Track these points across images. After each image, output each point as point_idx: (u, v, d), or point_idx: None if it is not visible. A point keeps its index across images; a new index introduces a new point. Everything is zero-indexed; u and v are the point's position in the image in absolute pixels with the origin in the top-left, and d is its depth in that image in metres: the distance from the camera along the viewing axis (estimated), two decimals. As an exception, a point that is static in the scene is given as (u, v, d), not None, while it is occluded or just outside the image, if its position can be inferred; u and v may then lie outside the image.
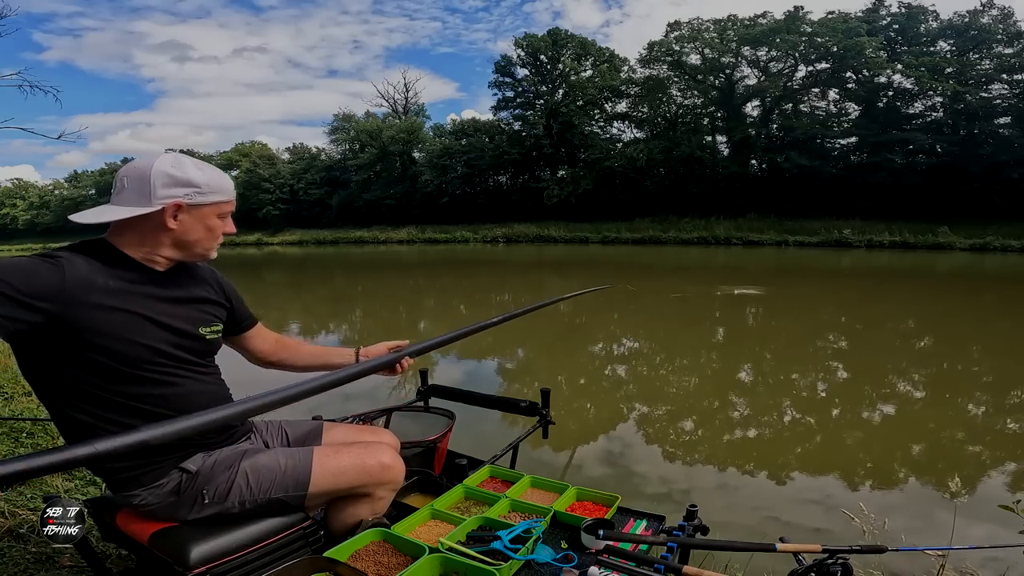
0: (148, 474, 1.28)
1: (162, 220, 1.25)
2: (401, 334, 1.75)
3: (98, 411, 1.22)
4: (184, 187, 1.26)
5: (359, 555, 1.38)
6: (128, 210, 1.23)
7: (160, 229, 1.27)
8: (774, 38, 29.37)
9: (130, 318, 1.23)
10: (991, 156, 24.27)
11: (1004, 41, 26.14)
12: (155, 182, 1.23)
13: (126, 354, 1.22)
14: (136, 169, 1.25)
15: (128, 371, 1.23)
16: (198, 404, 1.35)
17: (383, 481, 1.48)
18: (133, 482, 1.28)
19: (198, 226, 1.30)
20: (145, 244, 1.28)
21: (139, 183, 1.24)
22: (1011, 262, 17.84)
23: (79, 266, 1.17)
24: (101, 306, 1.18)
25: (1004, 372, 6.22)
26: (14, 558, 1.90)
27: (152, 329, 1.27)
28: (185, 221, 1.28)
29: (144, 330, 1.25)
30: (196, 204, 1.28)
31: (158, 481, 1.29)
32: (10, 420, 3.04)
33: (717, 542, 1.38)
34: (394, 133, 39.23)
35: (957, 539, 2.38)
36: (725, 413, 4.99)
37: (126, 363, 1.22)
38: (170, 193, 1.24)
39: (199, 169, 1.29)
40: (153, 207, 1.23)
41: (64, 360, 1.18)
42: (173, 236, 1.28)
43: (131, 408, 1.24)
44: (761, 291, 11.80)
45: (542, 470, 2.22)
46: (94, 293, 1.17)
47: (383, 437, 1.71)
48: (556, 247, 27.26)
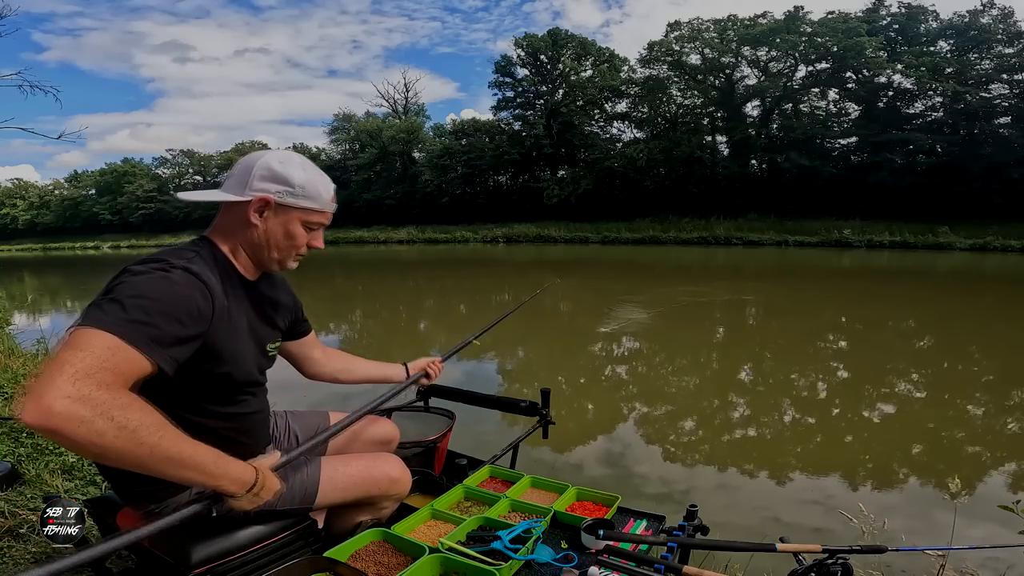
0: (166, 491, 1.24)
1: (247, 214, 1.19)
2: (401, 334, 1.78)
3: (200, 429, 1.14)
4: (279, 184, 1.19)
5: (359, 555, 1.38)
6: (222, 194, 1.20)
7: (244, 225, 1.21)
8: (774, 38, 29.36)
9: (242, 339, 1.20)
10: (991, 156, 24.25)
11: (1004, 41, 26.12)
12: (256, 172, 1.19)
13: (237, 375, 1.20)
14: (249, 158, 1.23)
15: (231, 392, 1.21)
16: (262, 424, 1.36)
17: (390, 494, 1.48)
18: (146, 497, 1.24)
19: (279, 230, 1.22)
20: (232, 240, 1.22)
21: (243, 170, 1.21)
22: (1011, 262, 17.83)
23: (214, 286, 1.12)
24: (229, 328, 1.15)
25: (1004, 372, 6.22)
26: (14, 558, 1.90)
27: (253, 351, 1.25)
28: (269, 220, 1.21)
29: (248, 352, 1.23)
30: (285, 204, 1.21)
31: (174, 497, 1.25)
32: (10, 420, 3.04)
33: (717, 542, 1.38)
34: (394, 133, 39.24)
35: (957, 539, 2.38)
36: (725, 413, 4.99)
37: (236, 384, 1.21)
38: (263, 187, 1.19)
39: (303, 170, 1.22)
40: (244, 197, 1.18)
41: (186, 379, 1.11)
42: (254, 235, 1.21)
43: (215, 429, 1.19)
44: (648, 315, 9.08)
45: (542, 470, 2.22)
46: (224, 314, 1.14)
47: (384, 427, 1.73)
48: (556, 247, 27.26)
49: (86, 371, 0.88)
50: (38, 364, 4.54)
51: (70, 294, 15.60)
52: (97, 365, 0.89)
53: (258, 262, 1.26)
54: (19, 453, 2.69)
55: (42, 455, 2.69)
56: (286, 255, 1.26)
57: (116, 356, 0.92)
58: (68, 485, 2.44)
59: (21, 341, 6.12)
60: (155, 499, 1.25)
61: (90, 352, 0.90)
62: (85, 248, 44.77)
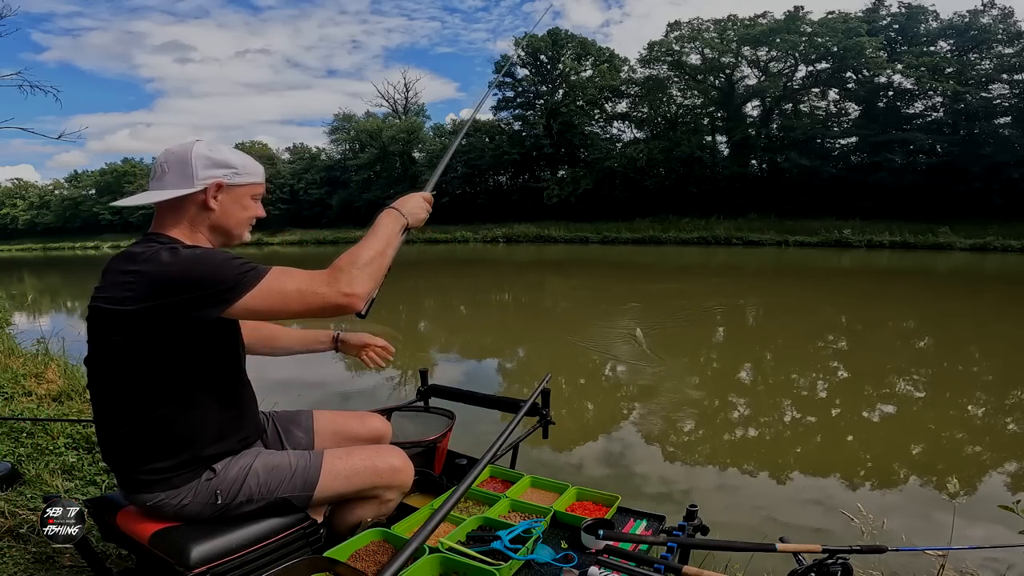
0: (182, 475, 1.27)
1: (204, 200, 1.28)
2: (401, 333, 1.75)
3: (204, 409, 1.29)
4: (223, 168, 1.29)
5: (359, 555, 1.38)
6: (172, 192, 1.26)
7: (203, 210, 1.30)
8: (774, 38, 29.35)
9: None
10: (991, 156, 24.24)
11: (1004, 41, 26.11)
12: (196, 163, 1.26)
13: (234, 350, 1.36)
14: (175, 154, 1.28)
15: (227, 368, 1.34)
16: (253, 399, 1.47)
17: (393, 484, 1.48)
18: (161, 484, 1.26)
19: (235, 207, 1.33)
20: (192, 228, 1.30)
21: (180, 166, 1.27)
22: (1011, 262, 17.83)
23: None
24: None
25: (1004, 372, 6.22)
26: (14, 558, 1.90)
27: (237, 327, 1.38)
28: (224, 202, 1.31)
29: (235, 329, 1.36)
30: (235, 184, 1.32)
31: (189, 483, 1.27)
32: (10, 420, 3.04)
33: (717, 542, 1.38)
34: (394, 133, 39.22)
35: (957, 539, 2.38)
36: (725, 413, 4.99)
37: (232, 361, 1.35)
38: (211, 174, 1.28)
39: (233, 153, 1.34)
40: (196, 187, 1.26)
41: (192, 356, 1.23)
42: (213, 218, 1.31)
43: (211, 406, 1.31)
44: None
45: (542, 470, 2.22)
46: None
47: (371, 422, 1.72)
48: (556, 247, 27.27)
49: (311, 276, 1.18)
50: (38, 364, 4.54)
51: (70, 294, 15.59)
52: (304, 274, 1.18)
53: (221, 242, 1.37)
54: (19, 453, 2.68)
55: (42, 455, 2.68)
56: (243, 228, 1.39)
57: (296, 269, 1.20)
58: (68, 485, 2.44)
59: (21, 341, 6.12)
60: (170, 485, 1.26)
61: (292, 275, 1.17)
62: (85, 248, 44.76)
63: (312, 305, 1.16)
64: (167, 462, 1.25)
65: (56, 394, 3.72)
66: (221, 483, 1.29)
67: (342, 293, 1.16)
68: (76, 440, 2.83)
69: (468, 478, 1.46)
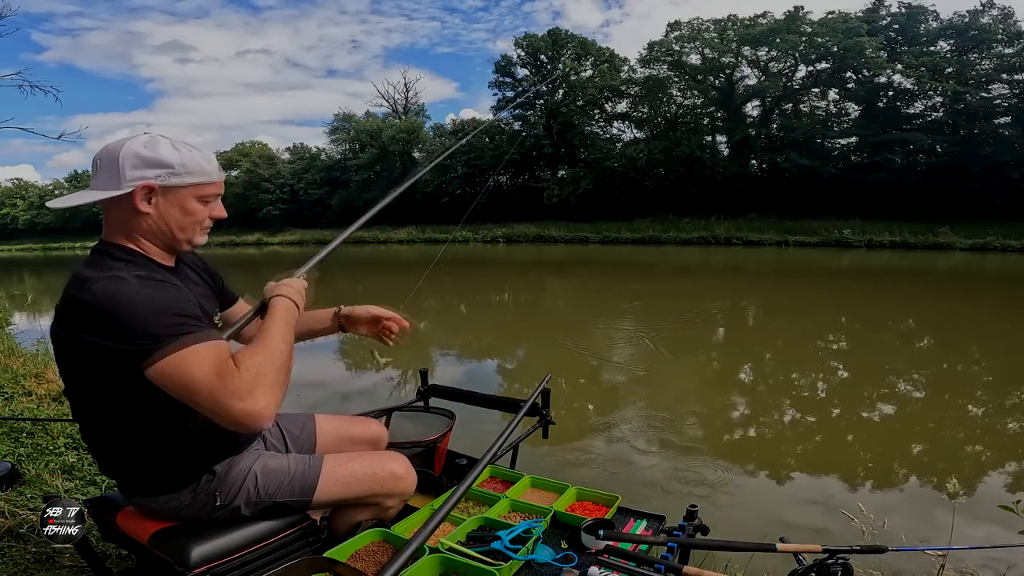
0: (182, 478, 1.25)
1: (133, 204, 1.16)
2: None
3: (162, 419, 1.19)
4: (155, 168, 1.16)
5: (359, 555, 1.38)
6: (98, 193, 1.16)
7: (134, 215, 1.18)
8: (774, 38, 29.34)
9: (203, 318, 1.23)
10: (991, 156, 24.23)
11: (1004, 41, 26.10)
12: (123, 163, 1.14)
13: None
14: (107, 151, 1.17)
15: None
16: None
17: (394, 492, 1.46)
18: (160, 486, 1.25)
19: (174, 210, 1.20)
20: (129, 235, 1.20)
21: (109, 164, 1.16)
22: (1011, 262, 17.83)
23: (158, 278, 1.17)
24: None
25: (1004, 372, 6.22)
26: (14, 558, 1.90)
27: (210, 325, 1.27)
28: (160, 205, 1.19)
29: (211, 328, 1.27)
30: (171, 186, 1.18)
31: (188, 485, 1.26)
32: (10, 420, 3.04)
33: (717, 542, 1.38)
34: (394, 133, 39.21)
35: (957, 539, 2.38)
36: (725, 413, 4.99)
37: None
38: (139, 175, 1.15)
39: (176, 149, 1.19)
40: (122, 190, 1.15)
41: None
42: (149, 222, 1.19)
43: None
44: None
45: (542, 470, 2.22)
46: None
47: (371, 427, 1.71)
48: (556, 247, 27.27)
49: (223, 383, 1.06)
50: (38, 364, 4.54)
51: (70, 294, 15.55)
52: (217, 370, 1.06)
53: (167, 246, 1.25)
54: (19, 453, 2.68)
55: (42, 455, 2.69)
56: (192, 232, 1.25)
57: (216, 350, 1.09)
58: (68, 485, 2.44)
59: (21, 341, 6.13)
60: (169, 488, 1.25)
61: (206, 368, 1.06)
62: (85, 248, 44.46)
63: (219, 415, 1.06)
64: (167, 466, 1.24)
65: (56, 394, 3.73)
66: (220, 485, 1.29)
67: (250, 414, 1.06)
68: (76, 440, 2.83)
69: (468, 478, 1.45)
